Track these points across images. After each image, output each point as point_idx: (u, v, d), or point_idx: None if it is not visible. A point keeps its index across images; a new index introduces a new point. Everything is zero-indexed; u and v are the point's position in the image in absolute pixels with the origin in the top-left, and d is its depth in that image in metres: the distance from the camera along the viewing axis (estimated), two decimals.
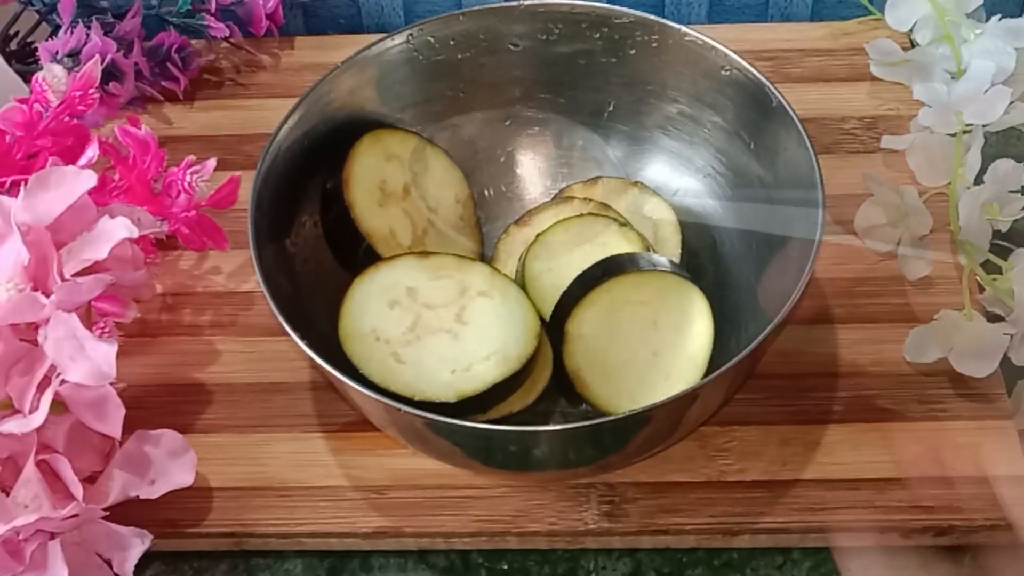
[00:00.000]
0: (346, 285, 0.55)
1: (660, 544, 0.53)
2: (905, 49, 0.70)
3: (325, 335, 0.52)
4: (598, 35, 0.59)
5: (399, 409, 0.47)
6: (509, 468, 0.52)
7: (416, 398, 0.50)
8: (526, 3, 0.59)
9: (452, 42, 0.59)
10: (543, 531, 0.52)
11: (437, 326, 0.53)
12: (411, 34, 0.59)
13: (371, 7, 0.79)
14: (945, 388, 0.56)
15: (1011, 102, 0.64)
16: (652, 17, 0.58)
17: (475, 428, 0.47)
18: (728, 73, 0.56)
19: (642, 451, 0.52)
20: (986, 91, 0.65)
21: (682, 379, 0.53)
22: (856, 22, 0.74)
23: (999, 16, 0.67)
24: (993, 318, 0.56)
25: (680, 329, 0.54)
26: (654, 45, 0.58)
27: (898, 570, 0.43)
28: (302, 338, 0.48)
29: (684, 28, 0.57)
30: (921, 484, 0.53)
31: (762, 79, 0.55)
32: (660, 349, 0.53)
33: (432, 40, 0.59)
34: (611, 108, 0.62)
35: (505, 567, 0.53)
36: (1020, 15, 0.68)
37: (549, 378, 0.54)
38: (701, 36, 0.57)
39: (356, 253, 0.57)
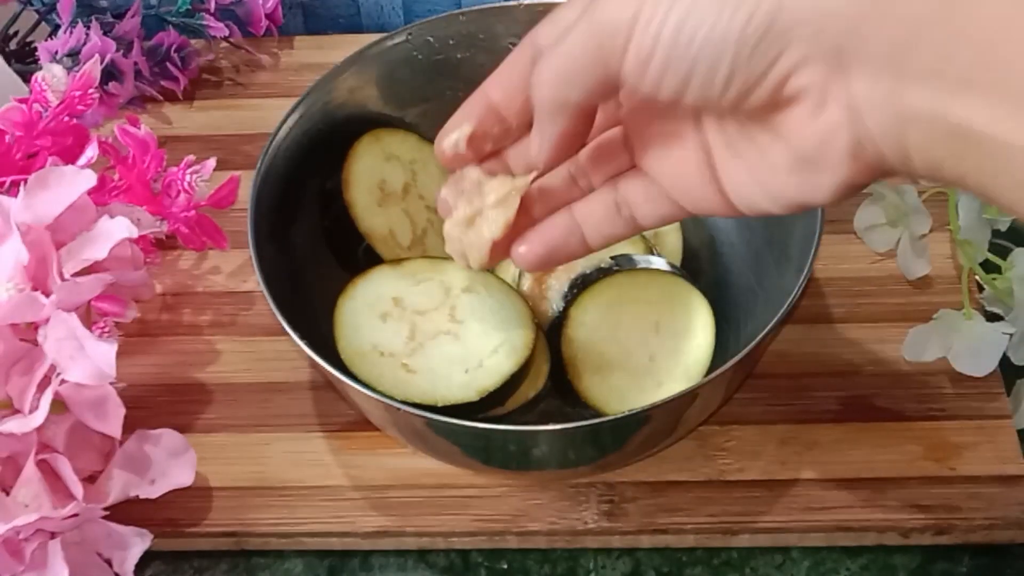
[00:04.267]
0: (346, 285, 0.55)
1: (659, 543, 0.53)
2: None
3: (325, 335, 0.52)
4: None
5: (399, 409, 0.47)
6: (508, 467, 0.52)
7: (439, 404, 0.50)
8: (526, 3, 0.59)
9: (451, 42, 0.59)
10: (543, 530, 0.52)
11: (435, 330, 0.53)
12: (410, 34, 0.59)
13: (370, 7, 0.79)
14: (944, 387, 0.56)
15: None
16: None
17: (474, 428, 0.47)
18: None
19: (641, 450, 0.52)
20: None
21: (675, 389, 0.53)
22: None
23: None
24: (992, 317, 0.56)
25: (681, 338, 0.53)
26: None
27: None
28: (302, 338, 0.48)
29: None
30: (920, 484, 0.53)
31: None
32: (658, 355, 0.53)
33: (431, 40, 0.59)
34: None
35: (505, 566, 0.53)
36: None
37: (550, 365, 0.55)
38: None
39: (356, 253, 0.57)
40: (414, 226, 0.59)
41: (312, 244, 0.58)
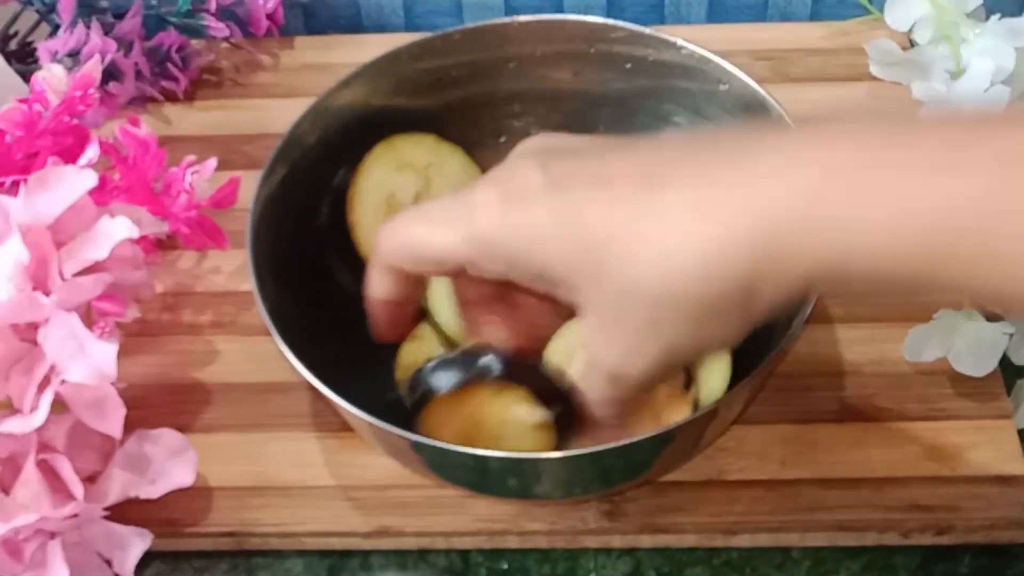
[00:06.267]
0: (344, 289, 0.54)
1: (660, 543, 0.53)
2: (904, 49, 0.70)
3: (325, 336, 0.52)
4: (593, 50, 0.58)
5: (380, 428, 0.45)
6: (502, 494, 0.51)
7: None
8: (522, 19, 0.59)
9: (448, 58, 0.59)
10: (543, 530, 0.52)
11: None
12: (408, 50, 0.58)
13: (371, 7, 0.79)
14: (944, 387, 0.56)
15: (1010, 101, 0.65)
16: (648, 31, 0.57)
17: (460, 452, 0.45)
18: (726, 87, 0.56)
19: (658, 474, 0.52)
20: (985, 90, 0.65)
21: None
22: (855, 22, 0.74)
23: (999, 16, 0.67)
24: (992, 317, 0.56)
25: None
26: (650, 59, 0.58)
27: None
28: (293, 344, 0.47)
29: (680, 41, 0.56)
30: (920, 484, 0.53)
31: (761, 92, 0.54)
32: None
33: (428, 56, 0.58)
34: (608, 122, 0.61)
35: (505, 566, 0.53)
36: (1020, 15, 0.68)
37: None
38: (698, 49, 0.56)
39: (359, 271, 0.57)
40: None
41: (313, 246, 0.58)
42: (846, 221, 0.34)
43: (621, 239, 0.36)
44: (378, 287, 0.46)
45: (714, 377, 0.52)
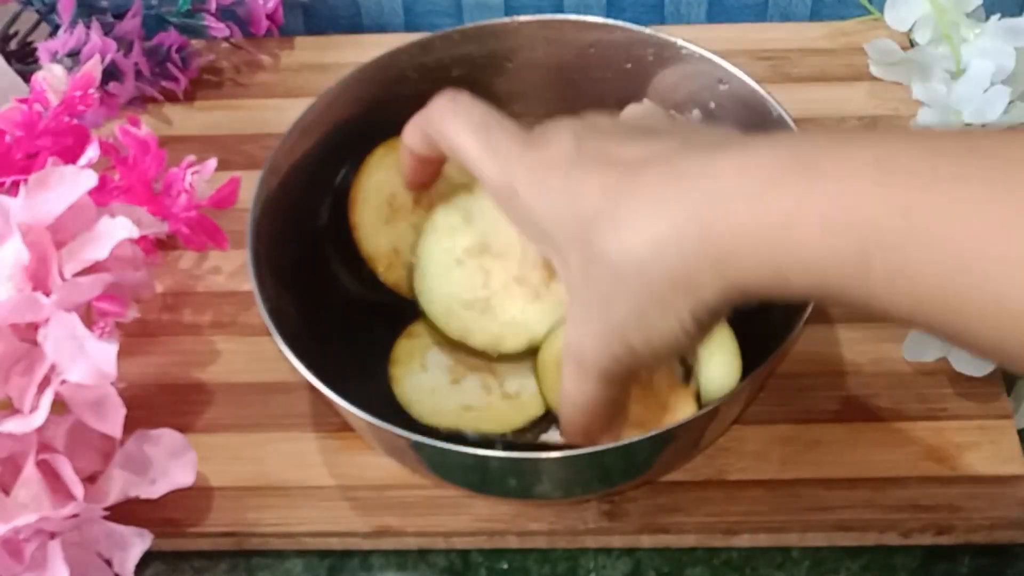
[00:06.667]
0: (344, 289, 0.54)
1: (660, 543, 0.53)
2: (904, 49, 0.70)
3: (323, 335, 0.52)
4: (593, 50, 0.58)
5: (380, 428, 0.45)
6: (502, 494, 0.51)
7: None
8: (522, 19, 0.58)
9: (448, 59, 0.59)
10: (543, 530, 0.52)
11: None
12: (408, 50, 0.58)
13: (371, 7, 0.79)
14: (944, 387, 0.56)
15: (1010, 101, 0.65)
16: (647, 31, 0.57)
17: (462, 453, 0.45)
18: (726, 87, 0.56)
19: (658, 474, 0.52)
20: (985, 90, 0.65)
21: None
22: (855, 22, 0.74)
23: (999, 16, 0.67)
24: None
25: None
26: (650, 59, 0.58)
27: None
28: (292, 343, 0.47)
29: (680, 41, 0.56)
30: (920, 484, 0.53)
31: (761, 92, 0.54)
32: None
33: (428, 56, 0.58)
34: None
35: (505, 566, 0.53)
36: (1020, 15, 0.68)
37: None
38: (698, 50, 0.56)
39: (360, 271, 0.57)
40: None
41: (313, 250, 0.58)
42: (779, 232, 0.36)
43: (603, 213, 0.40)
44: (412, 139, 0.51)
45: (715, 366, 0.52)
